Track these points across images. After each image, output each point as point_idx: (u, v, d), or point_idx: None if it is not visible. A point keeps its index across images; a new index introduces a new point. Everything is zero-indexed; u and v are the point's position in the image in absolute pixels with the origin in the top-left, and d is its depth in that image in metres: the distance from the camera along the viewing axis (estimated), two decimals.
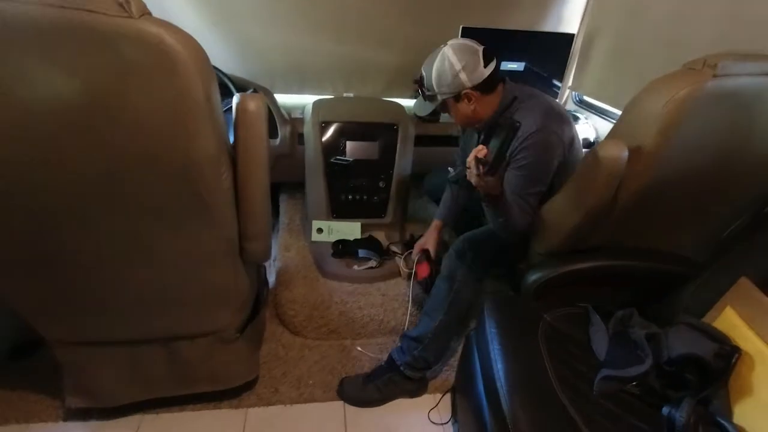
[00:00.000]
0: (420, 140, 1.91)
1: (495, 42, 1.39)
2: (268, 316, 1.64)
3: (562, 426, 0.88)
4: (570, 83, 2.24)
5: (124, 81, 0.73)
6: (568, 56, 2.10)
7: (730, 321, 0.98)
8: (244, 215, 1.03)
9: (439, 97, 1.28)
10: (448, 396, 1.40)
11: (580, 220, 1.09)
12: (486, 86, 1.24)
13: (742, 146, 1.02)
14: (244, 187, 0.99)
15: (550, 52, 2.08)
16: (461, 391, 1.27)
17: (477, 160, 1.01)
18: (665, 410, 0.90)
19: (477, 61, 1.22)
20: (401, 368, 1.35)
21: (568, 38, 2.07)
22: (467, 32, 1.85)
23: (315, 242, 1.83)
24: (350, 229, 1.86)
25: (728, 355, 0.92)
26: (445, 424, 1.33)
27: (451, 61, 1.22)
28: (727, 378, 0.92)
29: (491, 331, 1.08)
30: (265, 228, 1.09)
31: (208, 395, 1.30)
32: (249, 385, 1.36)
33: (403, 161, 1.85)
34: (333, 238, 1.84)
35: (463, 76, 1.22)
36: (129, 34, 0.69)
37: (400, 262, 1.77)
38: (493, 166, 0.99)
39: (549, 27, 2.16)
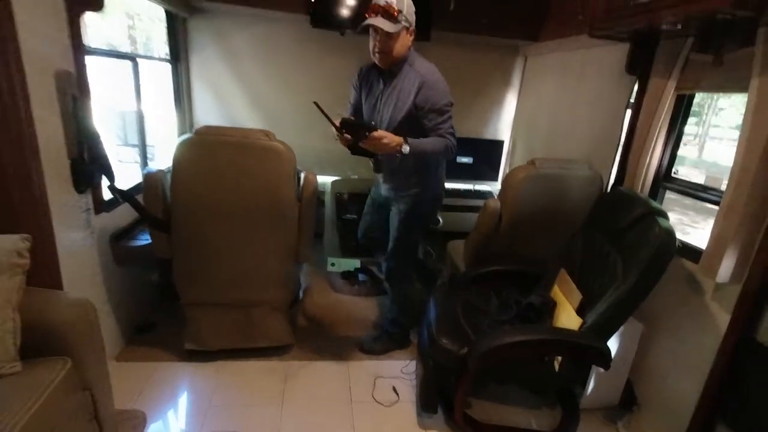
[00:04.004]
0: None
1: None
2: (297, 313, 2.49)
3: (460, 334, 1.71)
4: (503, 171, 3.31)
5: (260, 163, 1.72)
6: (502, 153, 3.19)
7: (555, 290, 1.85)
8: (301, 232, 1.96)
9: (402, 23, 1.64)
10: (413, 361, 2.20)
11: (479, 238, 2.02)
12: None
13: (555, 201, 1.98)
14: (303, 216, 1.93)
15: (489, 151, 3.17)
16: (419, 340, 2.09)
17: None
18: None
19: None
20: (385, 327, 2.22)
21: (500, 143, 3.17)
22: None
23: (329, 271, 2.73)
24: (352, 263, 2.77)
25: (549, 302, 1.78)
26: (411, 372, 2.11)
27: (411, 4, 1.68)
28: (550, 314, 1.77)
29: (433, 301, 1.95)
30: (311, 241, 2.00)
31: (263, 350, 2.11)
32: (288, 348, 2.17)
33: None
34: (341, 269, 2.73)
35: (414, 16, 1.70)
36: (266, 146, 1.70)
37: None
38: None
39: (489, 135, 3.28)
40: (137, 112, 2.33)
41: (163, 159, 2.90)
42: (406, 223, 1.99)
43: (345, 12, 2.53)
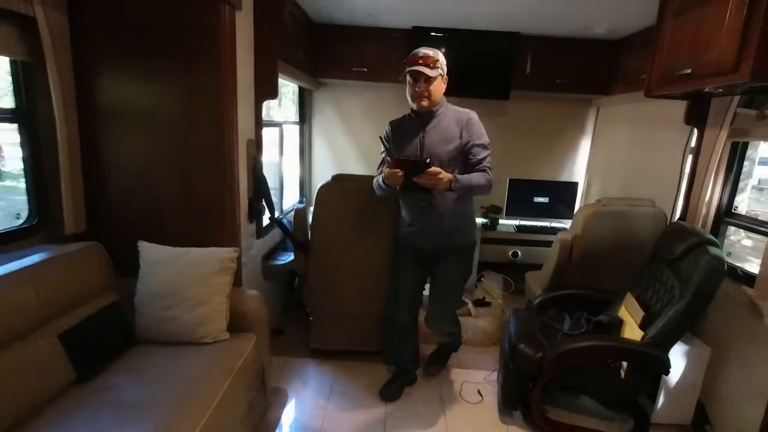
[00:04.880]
0: None
1: (531, 186, 2.87)
2: None
3: (537, 342, 2.05)
4: None
5: (377, 202, 2.28)
6: (576, 194, 3.49)
7: (622, 311, 2.13)
8: None
9: (439, 71, 1.88)
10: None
11: (554, 268, 2.37)
12: None
13: (620, 235, 2.29)
14: None
15: (565, 192, 3.49)
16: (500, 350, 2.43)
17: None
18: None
19: None
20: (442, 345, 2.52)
21: (575, 184, 3.49)
22: (514, 183, 3.35)
23: None
24: None
25: (616, 321, 2.06)
26: (493, 380, 2.45)
27: (443, 57, 1.93)
28: (617, 331, 2.05)
29: (512, 319, 2.31)
30: None
31: (373, 353, 2.59)
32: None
33: None
34: None
35: (446, 68, 1.95)
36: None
37: None
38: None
39: (564, 177, 3.62)
40: (279, 164, 3.07)
41: (288, 198, 3.64)
42: (466, 273, 2.22)
43: None
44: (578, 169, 3.65)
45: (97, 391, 1.48)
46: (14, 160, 1.88)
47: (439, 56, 1.90)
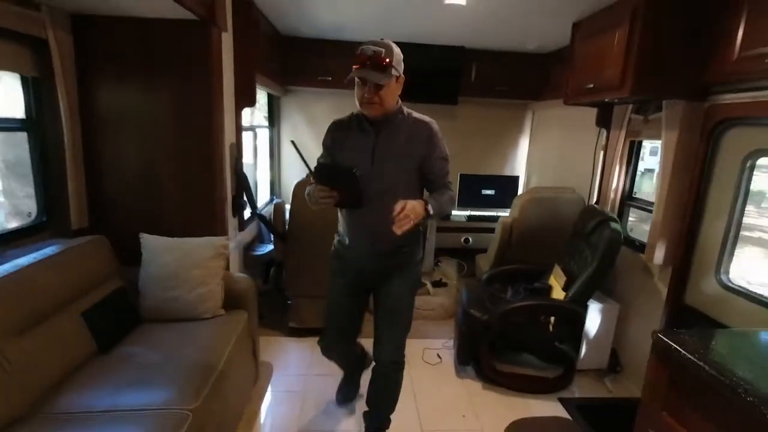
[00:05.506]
0: None
1: (479, 180, 3.33)
2: None
3: (485, 307, 2.49)
4: None
5: None
6: (518, 186, 4.01)
7: (552, 279, 2.60)
8: None
9: (393, 72, 1.52)
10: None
11: (497, 248, 2.83)
12: None
13: (549, 217, 2.78)
14: None
15: (508, 184, 4.00)
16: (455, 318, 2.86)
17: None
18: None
19: None
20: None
21: (516, 178, 4.00)
22: (464, 178, 3.81)
23: None
24: None
25: (547, 287, 2.54)
26: (450, 347, 2.87)
27: (399, 51, 1.56)
28: (548, 295, 2.52)
29: (464, 291, 2.74)
30: None
31: None
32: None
33: None
34: None
35: (403, 64, 1.59)
36: None
37: None
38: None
39: (507, 172, 4.13)
40: (253, 165, 3.35)
41: (261, 196, 3.91)
42: (412, 295, 1.82)
43: None
44: (519, 164, 4.17)
45: (119, 358, 1.75)
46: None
47: (393, 52, 1.54)
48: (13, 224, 2.03)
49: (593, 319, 2.52)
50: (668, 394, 1.22)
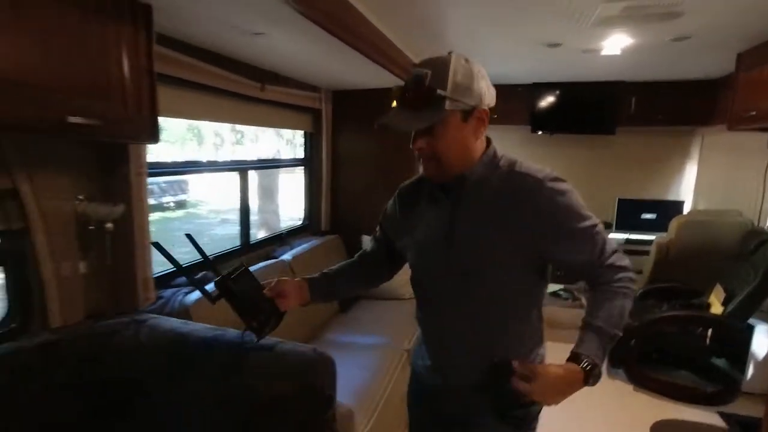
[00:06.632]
0: None
1: (638, 205, 3.56)
2: None
3: (635, 318, 2.75)
4: None
5: None
6: (682, 211, 4.00)
7: (711, 298, 2.71)
8: None
9: (448, 104, 0.89)
10: None
11: (652, 267, 3.04)
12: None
13: (706, 240, 2.88)
14: None
15: (671, 209, 4.02)
16: None
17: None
18: None
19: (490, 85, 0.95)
20: None
21: (681, 203, 4.01)
22: (623, 203, 4.01)
23: None
24: None
25: (705, 305, 2.67)
26: None
27: (473, 66, 0.92)
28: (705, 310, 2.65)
29: None
30: None
31: None
32: None
33: None
34: None
35: (484, 87, 0.93)
36: None
37: None
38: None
39: (671, 197, 4.15)
40: None
41: None
42: None
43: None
44: (684, 189, 4.13)
45: (353, 316, 2.68)
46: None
47: (448, 71, 0.90)
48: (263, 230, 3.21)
49: (761, 340, 2.55)
50: None
